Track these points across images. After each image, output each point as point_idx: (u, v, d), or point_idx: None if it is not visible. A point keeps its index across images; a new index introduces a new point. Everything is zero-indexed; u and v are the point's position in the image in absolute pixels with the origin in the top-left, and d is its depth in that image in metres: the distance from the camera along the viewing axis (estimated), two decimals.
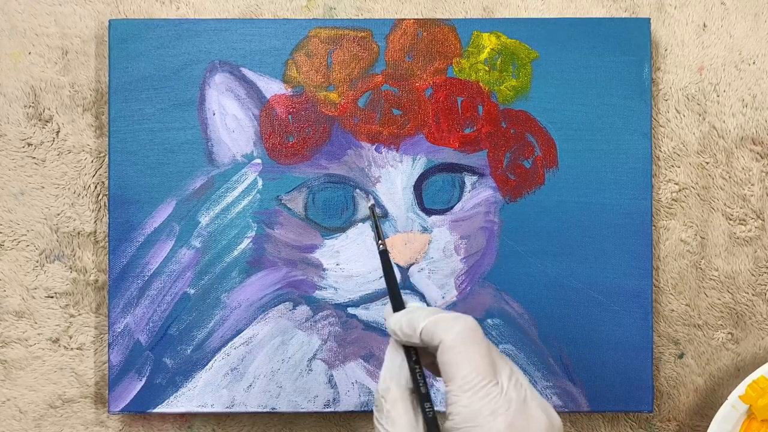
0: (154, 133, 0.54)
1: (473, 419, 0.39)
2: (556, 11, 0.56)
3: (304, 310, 0.54)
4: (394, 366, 0.41)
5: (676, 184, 0.56)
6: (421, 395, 0.40)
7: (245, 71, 0.54)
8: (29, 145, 0.56)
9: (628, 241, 0.54)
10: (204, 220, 0.54)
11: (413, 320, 0.40)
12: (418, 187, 0.54)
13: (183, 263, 0.54)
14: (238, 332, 0.54)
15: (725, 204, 0.56)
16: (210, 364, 0.54)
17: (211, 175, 0.54)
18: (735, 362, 0.56)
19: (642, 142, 0.54)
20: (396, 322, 0.41)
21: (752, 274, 0.56)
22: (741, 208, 0.56)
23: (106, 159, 0.55)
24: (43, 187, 0.56)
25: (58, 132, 0.56)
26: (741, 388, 0.51)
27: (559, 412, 0.55)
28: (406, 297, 0.44)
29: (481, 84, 0.54)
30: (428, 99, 0.54)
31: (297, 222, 0.54)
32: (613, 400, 0.54)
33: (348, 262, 0.54)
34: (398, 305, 0.43)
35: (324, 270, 0.54)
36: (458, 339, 0.39)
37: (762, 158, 0.56)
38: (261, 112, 0.54)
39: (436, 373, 0.42)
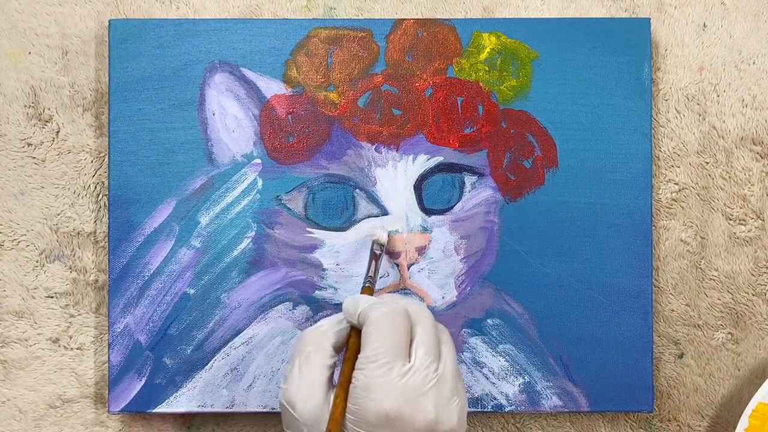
0: (154, 133, 0.54)
1: (368, 391, 0.41)
2: (556, 11, 0.56)
3: (304, 310, 0.54)
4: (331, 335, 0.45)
5: (676, 184, 0.56)
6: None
7: (245, 71, 0.54)
8: (29, 145, 0.56)
9: (628, 241, 0.54)
10: (204, 220, 0.54)
11: (358, 302, 0.45)
12: (418, 187, 0.54)
13: (183, 263, 0.54)
14: (238, 332, 0.54)
15: (725, 204, 0.56)
16: (210, 364, 0.54)
17: (211, 175, 0.54)
18: (735, 362, 0.56)
19: (642, 142, 0.54)
20: (347, 301, 0.46)
21: (752, 274, 0.56)
22: (741, 208, 0.56)
23: (106, 159, 0.55)
24: (43, 187, 0.56)
25: (58, 132, 0.56)
26: (744, 421, 0.51)
27: (558, 413, 0.55)
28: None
29: (481, 84, 0.54)
30: (428, 99, 0.54)
31: (297, 222, 0.54)
32: (613, 400, 0.54)
33: (348, 262, 0.54)
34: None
35: (324, 270, 0.54)
36: (380, 317, 0.43)
37: (762, 158, 0.56)
38: (261, 112, 0.54)
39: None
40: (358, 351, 0.44)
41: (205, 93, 0.54)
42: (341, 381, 0.43)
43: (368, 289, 0.48)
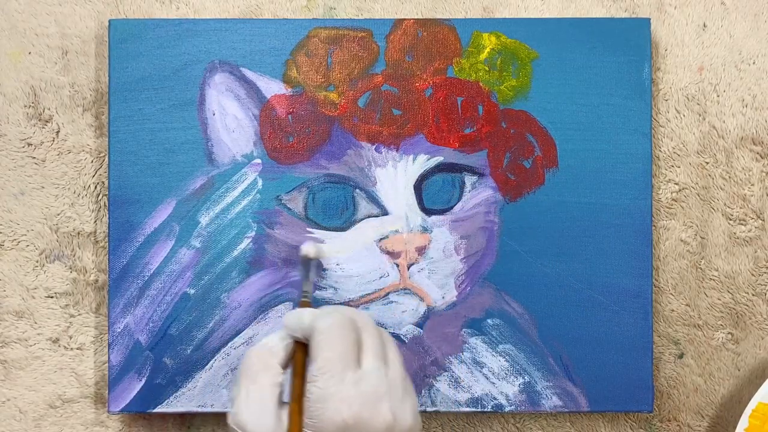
0: (154, 133, 0.54)
1: (324, 401, 0.41)
2: (556, 11, 0.56)
3: None
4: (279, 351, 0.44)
5: (676, 184, 0.56)
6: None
7: (245, 71, 0.54)
8: (29, 145, 0.56)
9: (628, 241, 0.54)
10: (204, 220, 0.54)
11: (301, 316, 0.44)
12: (418, 187, 0.54)
13: (183, 263, 0.54)
14: (238, 332, 0.54)
15: (725, 204, 0.56)
16: (210, 364, 0.54)
17: (211, 175, 0.54)
18: (735, 362, 0.56)
19: (642, 142, 0.54)
20: (288, 315, 0.45)
21: (752, 274, 0.56)
22: (741, 208, 0.56)
23: (106, 159, 0.55)
24: (43, 187, 0.56)
25: (58, 132, 0.56)
26: (744, 421, 0.51)
27: (558, 413, 0.55)
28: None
29: (481, 84, 0.54)
30: (428, 99, 0.54)
31: (297, 222, 0.54)
32: (613, 400, 0.54)
33: (348, 262, 0.54)
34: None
35: (324, 270, 0.54)
36: (328, 327, 0.43)
37: (762, 158, 0.56)
38: (261, 112, 0.54)
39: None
40: (304, 364, 0.43)
41: (205, 93, 0.54)
42: (294, 396, 0.42)
43: (305, 302, 0.47)
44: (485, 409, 0.54)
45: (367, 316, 0.45)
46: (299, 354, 0.44)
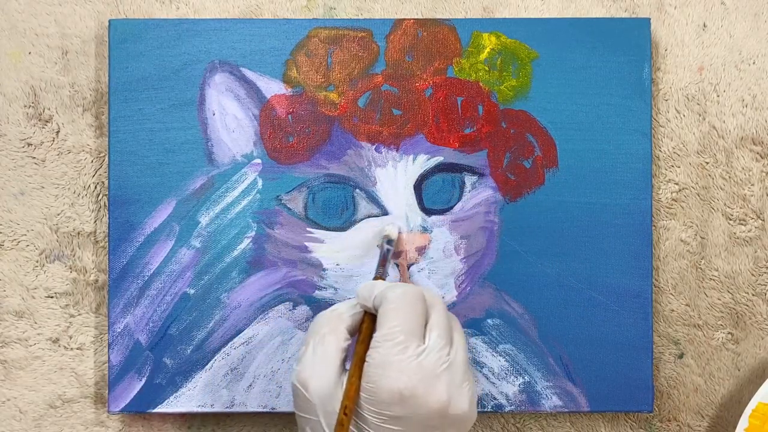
0: (154, 133, 0.54)
1: (383, 368, 0.42)
2: (556, 11, 0.56)
3: (304, 310, 0.54)
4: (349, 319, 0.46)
5: (676, 184, 0.56)
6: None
7: (245, 71, 0.54)
8: (29, 145, 0.56)
9: (628, 241, 0.54)
10: (204, 220, 0.54)
11: (373, 287, 0.45)
12: (418, 187, 0.54)
13: (183, 263, 0.54)
14: (238, 332, 0.54)
15: (725, 204, 0.56)
16: (210, 364, 0.54)
17: (211, 175, 0.54)
18: (735, 362, 0.56)
19: (642, 142, 0.54)
20: (362, 286, 0.46)
21: (752, 274, 0.56)
22: (741, 208, 0.56)
23: (106, 159, 0.55)
24: (43, 187, 0.56)
25: (58, 132, 0.56)
26: (744, 421, 0.51)
27: (558, 413, 0.55)
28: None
29: (481, 84, 0.54)
30: (428, 99, 0.54)
31: (297, 222, 0.54)
32: (613, 400, 0.54)
33: (348, 262, 0.54)
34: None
35: (324, 270, 0.54)
36: (398, 297, 0.44)
37: (762, 158, 0.56)
38: (261, 112, 0.54)
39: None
40: (371, 335, 0.44)
41: (205, 93, 0.54)
42: (355, 361, 0.43)
43: (379, 278, 0.49)
44: (485, 409, 0.54)
45: (440, 297, 0.46)
46: (367, 323, 0.45)
